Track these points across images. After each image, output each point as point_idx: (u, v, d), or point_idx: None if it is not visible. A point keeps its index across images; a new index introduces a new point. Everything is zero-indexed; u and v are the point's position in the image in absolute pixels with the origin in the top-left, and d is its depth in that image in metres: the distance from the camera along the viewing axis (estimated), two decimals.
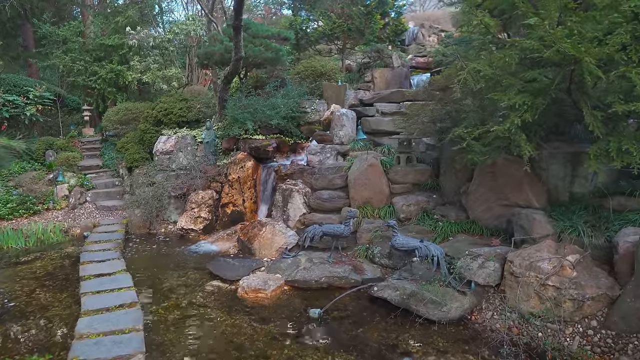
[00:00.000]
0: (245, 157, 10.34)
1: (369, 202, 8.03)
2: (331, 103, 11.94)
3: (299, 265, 6.85)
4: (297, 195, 8.39)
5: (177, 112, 11.90)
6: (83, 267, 7.04)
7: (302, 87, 12.05)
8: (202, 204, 9.76)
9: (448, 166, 8.00)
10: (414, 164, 8.44)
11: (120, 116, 13.23)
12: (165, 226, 10.13)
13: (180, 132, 11.81)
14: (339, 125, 9.79)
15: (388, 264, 6.82)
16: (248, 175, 10.09)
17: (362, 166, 8.06)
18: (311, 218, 8.05)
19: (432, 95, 7.90)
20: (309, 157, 9.56)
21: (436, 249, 5.82)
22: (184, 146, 11.43)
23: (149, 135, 11.96)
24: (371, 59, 14.50)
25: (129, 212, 10.25)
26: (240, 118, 10.62)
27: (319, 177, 8.58)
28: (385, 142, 9.54)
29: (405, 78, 13.20)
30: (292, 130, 11.37)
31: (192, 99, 12.30)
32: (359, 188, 8.04)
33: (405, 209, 7.77)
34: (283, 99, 11.25)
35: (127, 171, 12.00)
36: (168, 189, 10.10)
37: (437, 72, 12.75)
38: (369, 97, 11.41)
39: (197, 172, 10.43)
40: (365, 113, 10.32)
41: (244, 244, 7.97)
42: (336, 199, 8.13)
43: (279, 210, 8.56)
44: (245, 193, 10.06)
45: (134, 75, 13.78)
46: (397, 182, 8.20)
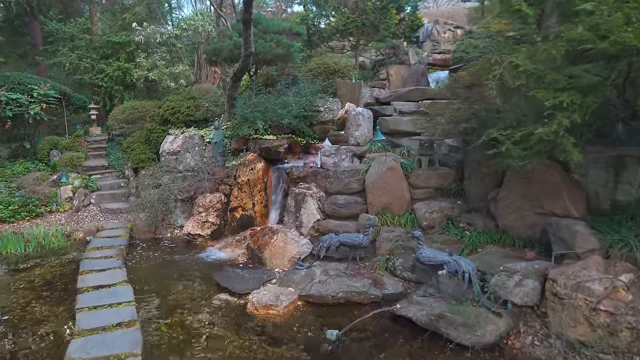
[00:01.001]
0: (256, 159, 9.81)
1: (388, 208, 7.47)
2: (345, 101, 11.38)
3: (313, 278, 6.31)
4: (311, 200, 7.85)
5: (184, 111, 11.42)
6: (82, 278, 6.56)
7: (315, 85, 11.50)
8: (209, 207, 9.26)
9: (474, 170, 7.40)
10: (436, 167, 7.85)
11: (126, 115, 12.79)
12: (172, 231, 9.65)
13: (187, 131, 11.33)
14: (354, 125, 9.23)
15: (411, 278, 6.25)
16: (258, 177, 9.56)
17: (381, 169, 7.50)
18: (326, 225, 7.50)
19: (456, 94, 7.29)
20: (323, 159, 9.01)
21: (467, 264, 5.24)
22: (191, 146, 10.94)
23: (156, 134, 11.49)
24: (386, 55, 13.91)
25: (134, 215, 9.79)
26: (250, 117, 10.10)
27: (334, 180, 8.02)
28: (404, 143, 8.95)
29: (423, 75, 12.58)
30: (305, 130, 10.83)
31: (200, 97, 11.81)
32: (377, 193, 7.47)
33: (428, 217, 7.18)
34: (295, 97, 10.72)
35: (133, 172, 11.55)
36: (174, 191, 9.61)
37: (457, 69, 12.12)
38: (385, 95, 10.83)
39: (205, 174, 9.94)
40: (383, 112, 9.74)
41: (254, 253, 7.45)
42: (353, 204, 7.57)
43: (291, 216, 8.03)
44: (256, 196, 9.54)
45: (140, 73, 13.32)
46: (418, 187, 7.62)
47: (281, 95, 10.74)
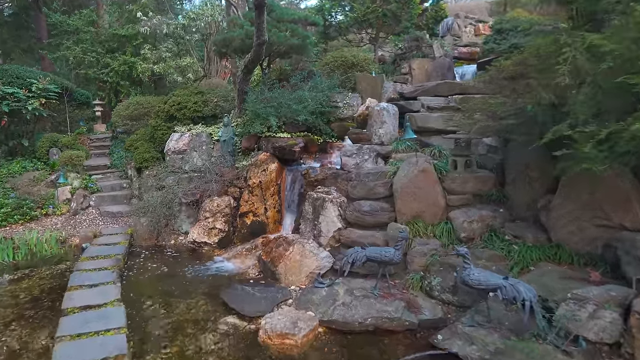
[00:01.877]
0: (268, 158, 8.92)
1: (419, 216, 6.52)
2: (366, 97, 10.44)
3: (336, 299, 5.40)
4: (331, 206, 6.94)
5: (191, 107, 10.57)
6: (69, 295, 5.71)
7: (333, 79, 10.58)
8: (217, 212, 8.39)
9: (519, 173, 6.44)
10: (473, 170, 6.89)
11: (130, 111, 11.99)
12: (175, 238, 8.79)
13: (194, 128, 10.49)
14: (378, 122, 8.30)
15: (452, 301, 5.31)
16: (271, 179, 8.67)
17: (412, 172, 6.55)
18: (348, 235, 6.58)
19: (501, 86, 6.31)
20: (344, 160, 8.09)
21: (528, 291, 4.28)
22: (198, 145, 10.09)
23: (161, 132, 10.67)
24: (408, 48, 12.96)
25: (135, 220, 8.96)
26: (262, 113, 9.22)
27: (357, 184, 7.09)
28: (434, 142, 8.00)
29: (449, 69, 11.60)
30: (322, 128, 9.91)
31: (208, 92, 10.96)
32: (408, 199, 6.53)
33: (467, 227, 6.23)
34: (311, 92, 9.82)
35: (136, 172, 10.74)
36: (179, 194, 8.76)
37: (487, 62, 11.13)
38: (410, 89, 9.88)
39: (213, 175, 9.07)
40: (409, 108, 8.80)
41: (267, 266, 6.56)
42: (379, 211, 6.63)
43: (308, 223, 7.12)
44: (268, 200, 8.64)
45: (144, 65, 12.48)
46: (454, 192, 6.67)
47: (296, 89, 9.85)
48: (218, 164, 9.55)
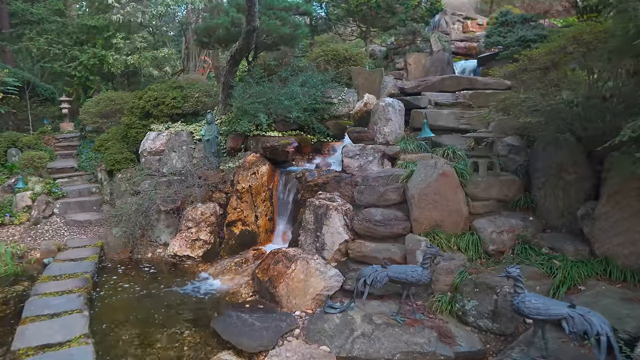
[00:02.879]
0: (258, 160, 7.97)
1: (439, 226, 5.68)
2: (363, 92, 9.58)
3: (353, 329, 4.50)
4: (336, 214, 6.03)
5: (169, 103, 9.49)
6: (22, 330, 4.62)
7: (327, 73, 9.70)
8: (201, 221, 7.38)
9: (550, 176, 5.68)
10: (496, 173, 6.10)
11: (100, 107, 10.81)
12: (153, 250, 7.73)
13: (173, 127, 9.42)
14: (383, 119, 7.44)
15: (490, 328, 4.48)
16: (262, 183, 7.72)
17: (430, 176, 5.71)
18: (359, 249, 5.68)
19: (534, 78, 5.53)
20: (346, 161, 7.20)
21: (601, 323, 3.47)
22: (178, 145, 9.04)
23: (135, 130, 9.55)
24: (403, 42, 12.18)
25: (106, 230, 7.87)
26: (250, 110, 8.25)
27: (365, 189, 6.21)
28: (445, 142, 7.20)
29: (448, 64, 10.87)
30: (315, 126, 9.03)
31: (188, 87, 9.90)
32: (426, 206, 5.68)
33: (495, 238, 5.43)
34: (303, 87, 8.91)
35: (107, 175, 9.59)
36: (157, 200, 7.70)
37: (491, 56, 10.45)
38: (412, 85, 9.06)
39: (195, 179, 8.05)
40: (416, 104, 7.97)
41: (263, 286, 5.61)
42: (393, 221, 5.76)
43: (310, 235, 6.19)
44: (259, 207, 7.69)
45: (116, 56, 11.24)
46: (476, 199, 5.86)
47: (285, 84, 8.90)
48: (201, 166, 8.54)
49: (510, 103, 5.55)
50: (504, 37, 9.54)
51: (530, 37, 8.92)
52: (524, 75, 5.45)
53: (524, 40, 9.01)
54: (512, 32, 9.66)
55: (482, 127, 7.32)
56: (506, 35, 9.58)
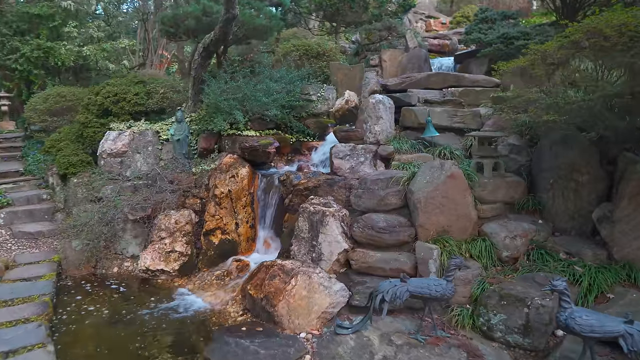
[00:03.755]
0: (236, 162, 7.30)
1: (446, 231, 5.27)
2: (342, 89, 9.12)
3: (373, 352, 3.98)
4: (333, 221, 5.47)
5: (131, 99, 8.57)
6: None
7: (304, 69, 9.13)
8: (176, 231, 6.61)
9: (560, 177, 5.41)
10: (501, 174, 5.78)
11: (49, 104, 9.66)
12: (119, 264, 6.86)
13: (136, 125, 8.52)
14: (373, 117, 6.96)
15: (521, 344, 4.10)
16: (243, 187, 7.05)
17: (437, 178, 5.28)
18: (363, 259, 5.14)
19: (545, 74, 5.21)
20: (336, 162, 6.66)
21: None
22: (142, 145, 8.17)
23: (92, 130, 8.55)
24: (377, 38, 11.80)
25: (64, 242, 6.91)
26: (225, 107, 7.55)
27: (363, 193, 5.70)
28: (439, 141, 6.82)
29: (425, 61, 10.55)
30: (293, 125, 8.45)
31: (152, 82, 9.01)
32: (433, 211, 5.25)
33: (509, 244, 5.08)
34: (280, 83, 8.30)
35: (60, 180, 8.54)
36: (124, 208, 6.83)
37: (470, 53, 10.27)
38: (396, 81, 8.65)
39: (165, 183, 7.24)
40: (406, 101, 7.52)
41: (258, 304, 4.97)
42: (397, 227, 5.28)
43: (304, 244, 5.60)
44: (239, 214, 7.01)
45: (69, 46, 10.04)
46: (484, 201, 5.51)
47: (259, 80, 8.21)
48: (170, 168, 7.73)
49: (524, 100, 5.21)
50: (484, 34, 9.34)
51: (514, 35, 8.76)
52: (537, 70, 5.12)
53: (507, 37, 8.84)
54: (492, 29, 9.49)
55: (476, 125, 7.03)
56: (487, 32, 9.39)
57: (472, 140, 6.75)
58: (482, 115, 7.06)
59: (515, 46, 8.73)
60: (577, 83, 4.94)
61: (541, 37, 8.67)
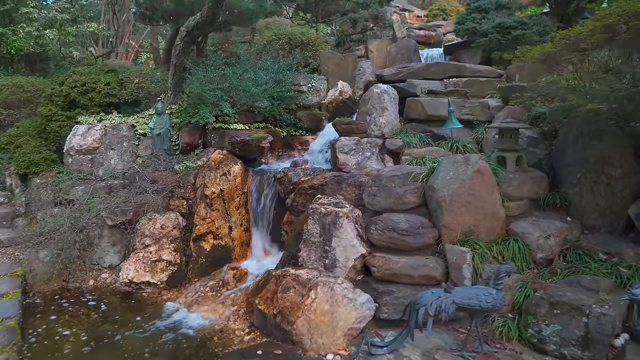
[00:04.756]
0: (226, 158, 6.60)
1: (473, 232, 4.80)
2: (334, 80, 8.55)
3: None
4: (348, 223, 4.89)
5: (102, 89, 7.66)
6: None
7: (292, 57, 8.48)
8: (162, 237, 5.85)
9: (588, 171, 5.04)
10: (524, 169, 5.36)
11: (4, 96, 8.57)
12: (96, 276, 6.04)
13: (109, 119, 7.64)
14: (378, 109, 6.42)
15: (579, 357, 3.65)
16: (236, 186, 6.36)
17: (463, 173, 4.80)
18: (386, 265, 4.58)
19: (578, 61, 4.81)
20: (341, 158, 6.08)
21: None
22: (117, 141, 7.32)
23: (57, 124, 7.59)
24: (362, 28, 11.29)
25: (29, 253, 5.99)
26: (211, 97, 6.82)
27: (379, 191, 5.15)
28: (448, 134, 6.37)
29: (415, 52, 10.13)
30: (284, 118, 7.81)
31: (125, 70, 8.12)
32: (458, 210, 4.76)
33: (543, 244, 4.66)
34: (269, 73, 7.62)
35: (20, 181, 7.55)
36: (100, 212, 5.99)
37: (461, 44, 9.91)
38: (392, 72, 8.17)
39: (146, 183, 6.44)
40: (411, 92, 7.03)
41: (269, 321, 4.33)
42: (420, 228, 4.76)
43: (315, 249, 4.98)
44: (233, 216, 6.32)
45: (28, 29, 8.89)
46: (510, 198, 5.08)
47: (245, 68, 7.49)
48: (150, 166, 6.92)
49: (562, 88, 4.79)
50: (479, 24, 8.99)
51: (511, 24, 8.44)
52: (570, 57, 4.71)
53: (504, 27, 8.51)
54: (486, 18, 9.15)
55: (485, 117, 6.63)
56: (481, 22, 9.04)
57: (484, 133, 6.40)
58: (491, 106, 6.68)
59: (512, 36, 8.41)
60: (620, 70, 4.56)
61: (539, 27, 8.41)
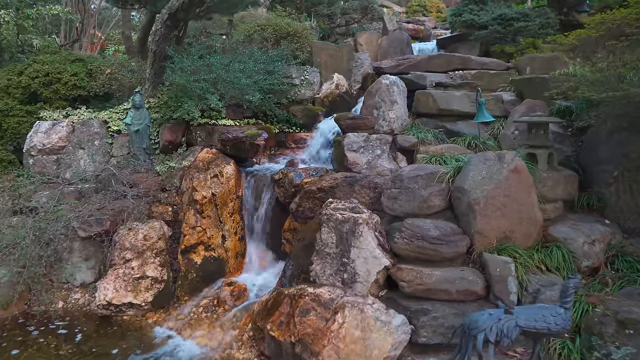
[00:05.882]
0: (216, 157, 5.84)
1: (508, 238, 4.26)
2: (327, 72, 7.90)
3: None
4: (367, 231, 4.25)
5: (68, 80, 6.74)
6: None
7: (282, 48, 7.77)
8: (146, 250, 5.03)
9: (627, 169, 4.60)
10: (555, 167, 4.87)
11: None
12: (65, 296, 5.16)
13: (77, 114, 6.73)
14: (387, 102, 5.81)
15: None
16: (229, 190, 5.62)
17: (498, 173, 4.25)
18: (418, 279, 3.94)
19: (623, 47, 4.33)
20: (350, 156, 5.42)
21: None
22: (86, 139, 6.43)
23: (14, 119, 6.62)
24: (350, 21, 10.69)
25: None
26: (196, 89, 6.03)
27: (401, 193, 4.53)
28: (463, 130, 5.84)
29: (407, 45, 9.61)
30: (276, 113, 7.12)
31: (94, 61, 7.21)
32: (493, 214, 4.21)
33: (588, 251, 4.17)
34: (258, 63, 6.90)
35: None
36: (71, 222, 5.11)
37: (456, 38, 9.46)
38: (391, 64, 7.59)
39: (124, 187, 5.60)
40: (420, 84, 6.46)
41: (286, 350, 3.64)
42: (451, 236, 4.17)
43: (330, 262, 4.30)
44: (226, 223, 5.57)
45: None
46: (546, 200, 4.57)
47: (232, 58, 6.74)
48: (127, 167, 6.07)
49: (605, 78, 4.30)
50: (477, 15, 8.54)
51: (512, 16, 8.02)
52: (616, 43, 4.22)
53: (505, 18, 8.08)
54: (484, 10, 8.72)
55: (500, 111, 6.14)
56: (479, 14, 8.60)
57: (500, 128, 5.90)
58: (505, 100, 6.19)
59: (515, 28, 8.00)
60: None
61: (541, 19, 8.04)
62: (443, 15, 15.96)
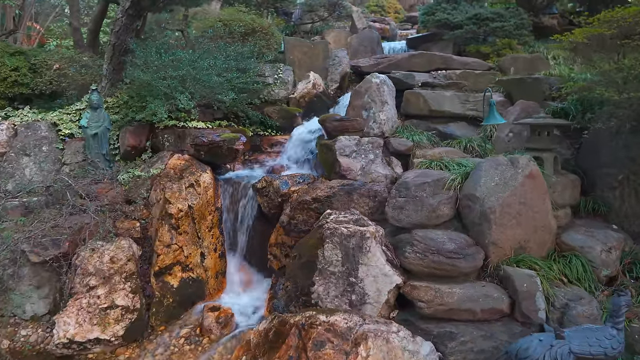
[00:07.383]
0: (190, 164, 5.21)
1: (523, 248, 3.98)
2: (302, 71, 7.44)
3: None
4: (375, 245, 3.81)
5: (8, 76, 5.81)
6: None
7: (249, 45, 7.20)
8: (114, 274, 4.31)
9: (632, 172, 4.48)
10: (559, 171, 4.67)
11: None
12: (12, 333, 4.32)
13: (19, 115, 5.82)
14: (378, 103, 5.40)
15: None
16: (208, 201, 5.00)
17: (512, 179, 3.95)
18: (438, 299, 3.54)
19: None
20: (344, 162, 4.95)
21: None
22: (32, 144, 5.56)
23: None
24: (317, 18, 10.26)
25: None
26: (162, 87, 5.35)
27: (407, 202, 4.13)
28: (455, 132, 5.55)
29: (378, 44, 9.31)
30: (248, 114, 6.55)
31: (38, 54, 6.29)
32: (508, 223, 3.91)
33: (606, 259, 3.97)
34: (228, 60, 6.31)
35: None
36: (20, 244, 4.29)
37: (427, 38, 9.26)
38: (370, 62, 7.23)
39: (80, 199, 4.83)
40: (410, 83, 6.10)
41: None
42: (466, 248, 3.82)
43: (335, 282, 3.82)
44: (205, 239, 4.94)
45: None
46: (556, 205, 4.34)
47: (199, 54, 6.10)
48: (83, 176, 5.28)
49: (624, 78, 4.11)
50: (451, 15, 8.37)
51: (487, 15, 7.91)
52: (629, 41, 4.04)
53: (480, 18, 7.96)
54: (457, 9, 8.57)
55: None
56: (452, 13, 8.43)
57: (494, 131, 5.67)
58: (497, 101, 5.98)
59: (490, 28, 7.89)
60: None
61: (516, 19, 7.98)
62: (401, 16, 15.90)
